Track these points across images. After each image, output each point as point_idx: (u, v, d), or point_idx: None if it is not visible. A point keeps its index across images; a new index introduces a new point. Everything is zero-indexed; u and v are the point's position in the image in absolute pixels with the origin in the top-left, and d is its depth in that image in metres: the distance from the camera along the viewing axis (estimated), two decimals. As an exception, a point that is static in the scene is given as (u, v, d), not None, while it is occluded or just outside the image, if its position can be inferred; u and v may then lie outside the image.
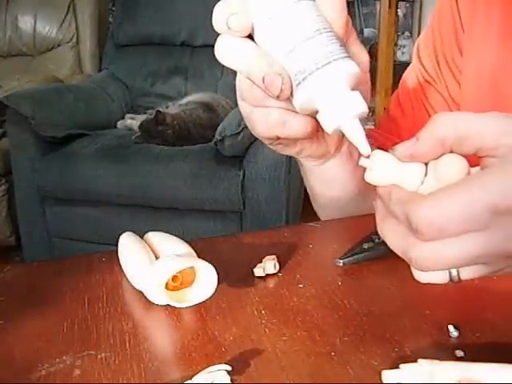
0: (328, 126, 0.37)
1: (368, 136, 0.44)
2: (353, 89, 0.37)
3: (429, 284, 0.33)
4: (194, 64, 2.64)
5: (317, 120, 0.39)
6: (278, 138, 0.44)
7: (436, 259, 0.29)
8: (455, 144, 0.31)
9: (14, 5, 2.94)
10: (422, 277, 0.33)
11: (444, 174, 0.31)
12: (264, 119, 0.42)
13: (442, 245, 0.29)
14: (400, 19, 3.23)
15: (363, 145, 0.35)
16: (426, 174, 0.32)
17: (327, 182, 0.56)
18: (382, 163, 0.33)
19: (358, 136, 0.35)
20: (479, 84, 0.60)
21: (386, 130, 0.69)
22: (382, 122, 0.72)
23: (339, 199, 0.58)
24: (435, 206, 0.29)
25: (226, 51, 0.39)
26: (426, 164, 0.32)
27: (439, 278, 0.32)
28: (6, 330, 0.42)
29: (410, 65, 0.70)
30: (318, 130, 0.41)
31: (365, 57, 0.42)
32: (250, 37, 0.39)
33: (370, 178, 0.33)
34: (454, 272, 0.32)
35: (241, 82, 0.41)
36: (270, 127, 0.42)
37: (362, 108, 0.36)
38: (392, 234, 0.32)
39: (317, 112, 0.38)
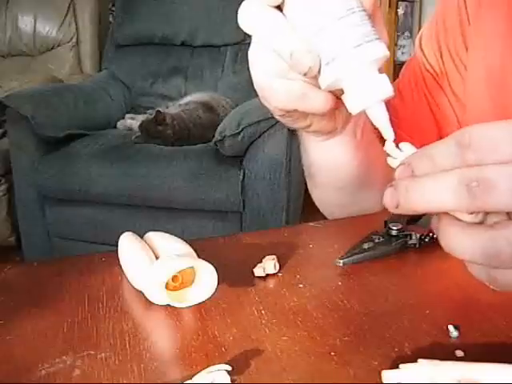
0: (353, 107, 0.37)
1: (366, 127, 0.43)
2: (380, 71, 0.37)
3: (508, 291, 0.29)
4: (193, 64, 2.64)
5: (337, 97, 0.39)
6: (294, 111, 0.43)
7: (500, 176, 0.26)
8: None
9: (14, 5, 2.94)
10: (503, 285, 0.29)
11: None
12: (285, 91, 0.41)
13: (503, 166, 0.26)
14: (400, 19, 3.23)
15: (387, 129, 0.35)
16: None
17: (327, 161, 0.56)
18: (407, 154, 0.32)
19: (382, 120, 0.36)
20: (486, 82, 0.60)
21: None
22: None
23: (337, 180, 0.58)
24: (489, 125, 0.27)
25: (253, 18, 0.38)
26: None
27: None
28: (6, 329, 0.42)
29: (412, 55, 0.70)
30: (336, 108, 0.41)
31: (385, 37, 0.41)
32: (279, 8, 0.38)
33: (392, 163, 0.33)
34: None
35: (263, 52, 0.40)
36: (290, 100, 0.41)
37: (389, 92, 0.36)
38: (430, 176, 0.28)
39: (342, 92, 0.37)
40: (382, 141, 0.36)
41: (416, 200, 0.28)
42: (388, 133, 0.35)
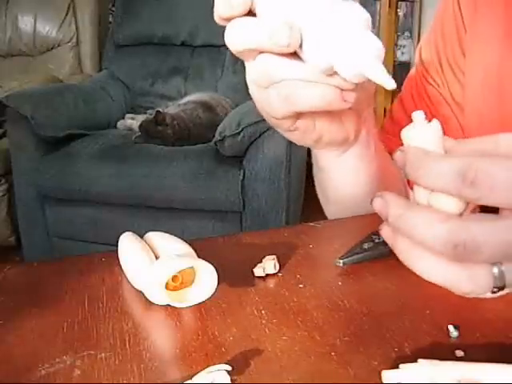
0: (348, 71, 0.36)
1: (375, 138, 0.41)
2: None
3: (475, 297, 0.30)
4: (193, 64, 2.64)
5: (334, 92, 0.38)
6: (297, 118, 0.42)
7: (485, 238, 0.27)
8: None
9: (14, 5, 2.95)
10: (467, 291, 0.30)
11: None
12: (279, 93, 0.40)
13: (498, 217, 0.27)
14: (400, 19, 3.22)
15: (388, 80, 0.34)
16: None
17: (343, 177, 0.56)
18: (427, 134, 0.30)
19: (380, 73, 0.34)
20: (483, 85, 0.60)
21: (391, 134, 0.68)
22: (387, 125, 0.72)
23: (353, 196, 0.58)
24: (498, 165, 0.27)
25: (232, 34, 0.39)
26: None
27: (483, 284, 0.29)
28: (6, 329, 0.42)
29: (413, 68, 0.70)
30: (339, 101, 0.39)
31: None
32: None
33: (406, 134, 0.31)
34: (495, 270, 0.28)
35: (253, 64, 0.40)
36: (286, 100, 0.40)
37: (379, 45, 0.35)
38: (423, 217, 0.28)
39: (332, 66, 0.36)
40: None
41: (404, 230, 0.30)
42: (389, 83, 0.33)
